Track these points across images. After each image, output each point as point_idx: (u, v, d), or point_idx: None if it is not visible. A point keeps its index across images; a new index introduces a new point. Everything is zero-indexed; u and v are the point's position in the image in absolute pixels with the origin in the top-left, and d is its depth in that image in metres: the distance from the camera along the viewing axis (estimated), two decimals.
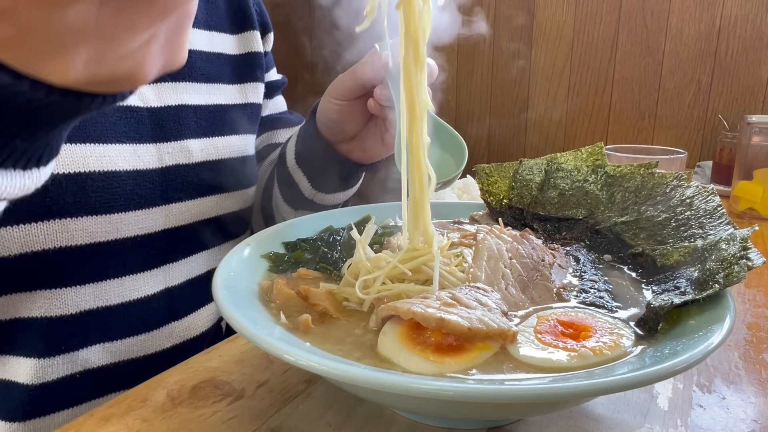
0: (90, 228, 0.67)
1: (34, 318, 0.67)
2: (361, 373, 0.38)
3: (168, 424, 0.47)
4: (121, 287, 0.72)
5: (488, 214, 0.76)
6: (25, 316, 0.67)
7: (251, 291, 0.55)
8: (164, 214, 0.75)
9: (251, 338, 0.42)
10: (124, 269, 0.72)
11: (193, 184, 0.77)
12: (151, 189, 0.73)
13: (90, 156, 0.66)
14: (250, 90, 0.90)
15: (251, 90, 0.91)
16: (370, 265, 0.54)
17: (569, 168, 0.73)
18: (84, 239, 0.67)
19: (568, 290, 0.56)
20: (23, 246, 0.63)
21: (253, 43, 0.91)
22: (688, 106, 1.97)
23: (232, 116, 0.86)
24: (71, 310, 0.68)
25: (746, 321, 0.68)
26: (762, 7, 1.81)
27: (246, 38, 0.90)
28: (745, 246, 0.50)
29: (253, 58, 0.91)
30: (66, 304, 0.68)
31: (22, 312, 0.67)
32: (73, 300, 0.68)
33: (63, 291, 0.67)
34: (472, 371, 0.43)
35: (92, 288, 0.69)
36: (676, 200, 0.63)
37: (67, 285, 0.68)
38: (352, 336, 0.48)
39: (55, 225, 0.64)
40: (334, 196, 0.89)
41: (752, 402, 0.52)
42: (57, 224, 0.65)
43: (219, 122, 0.83)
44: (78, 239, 0.66)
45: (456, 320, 0.44)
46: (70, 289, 0.68)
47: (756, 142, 1.19)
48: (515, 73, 2.22)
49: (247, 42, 0.90)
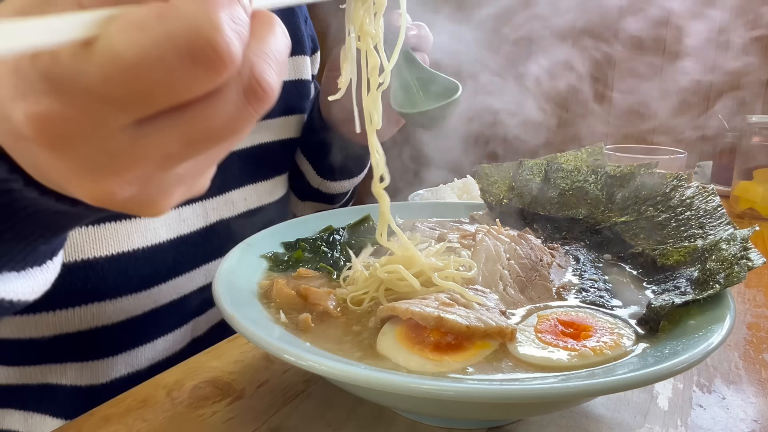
0: (128, 306, 0.65)
1: (64, 386, 0.65)
2: (361, 373, 0.38)
3: (168, 424, 0.47)
4: (153, 350, 0.70)
5: (488, 214, 0.76)
6: (54, 383, 0.66)
7: (251, 291, 0.54)
8: (204, 273, 0.73)
9: (251, 338, 0.42)
10: (157, 333, 0.70)
11: (233, 236, 0.74)
12: (194, 252, 0.71)
13: (135, 232, 0.64)
14: (294, 123, 0.86)
15: (295, 123, 0.87)
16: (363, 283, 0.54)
17: (569, 168, 0.73)
18: (121, 317, 0.65)
19: (567, 289, 0.56)
20: (57, 329, 0.62)
21: (303, 69, 0.87)
22: (689, 106, 1.97)
23: (275, 155, 0.83)
24: (102, 380, 0.66)
25: (746, 321, 0.68)
26: (762, 7, 1.81)
27: (296, 63, 0.86)
28: (745, 246, 0.50)
29: (302, 86, 0.87)
30: (97, 374, 0.66)
31: (51, 379, 0.66)
32: (104, 370, 0.66)
33: (94, 363, 0.66)
34: (471, 369, 0.43)
35: (124, 357, 0.67)
36: (676, 200, 0.63)
37: (99, 358, 0.66)
38: (351, 335, 0.48)
39: (92, 308, 0.62)
40: (339, 184, 0.88)
41: (752, 402, 0.52)
42: (95, 307, 0.63)
43: (262, 164, 0.81)
44: (115, 318, 0.64)
45: (454, 319, 0.44)
46: (102, 360, 0.66)
47: (756, 142, 1.19)
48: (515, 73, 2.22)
49: (297, 67, 0.86)
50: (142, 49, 0.23)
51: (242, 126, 0.27)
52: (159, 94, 0.24)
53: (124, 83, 0.24)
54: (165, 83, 0.24)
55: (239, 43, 0.24)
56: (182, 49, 0.23)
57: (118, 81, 0.24)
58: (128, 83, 0.24)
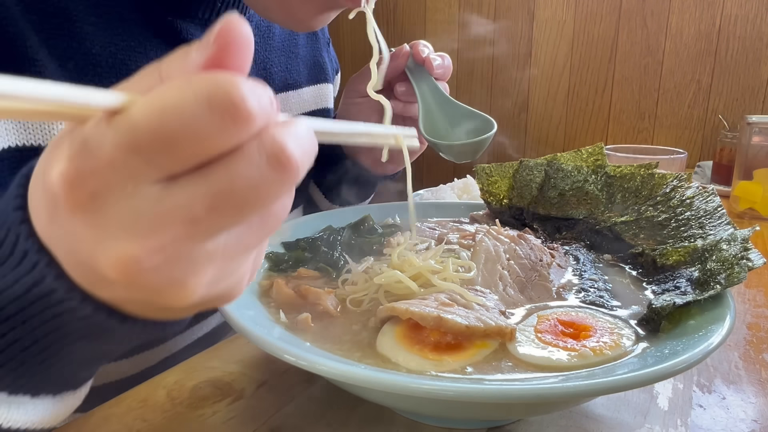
0: (140, 360, 0.66)
1: None
2: (361, 373, 0.38)
3: (168, 424, 0.47)
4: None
5: (488, 214, 0.76)
6: None
7: (251, 291, 0.55)
8: None
9: (251, 338, 0.42)
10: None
11: None
12: None
13: None
14: None
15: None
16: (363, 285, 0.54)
17: (569, 168, 0.73)
18: (133, 371, 0.66)
19: (567, 289, 0.56)
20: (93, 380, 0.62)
21: (327, 97, 0.88)
22: (688, 106, 1.97)
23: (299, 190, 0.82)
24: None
25: (746, 321, 0.68)
26: (762, 7, 1.81)
27: (321, 92, 0.86)
28: (745, 246, 0.50)
29: (327, 114, 0.88)
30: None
31: None
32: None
33: None
34: (470, 369, 0.43)
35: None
36: (676, 200, 0.63)
37: None
38: (351, 335, 0.48)
39: (106, 367, 0.63)
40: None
41: (752, 402, 0.52)
42: (109, 366, 0.64)
43: None
44: (129, 372, 0.66)
45: (453, 319, 0.44)
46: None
47: (756, 142, 1.19)
48: (515, 73, 2.22)
49: (322, 96, 0.87)
50: (166, 99, 0.25)
51: (267, 193, 0.27)
52: (181, 145, 0.25)
53: (148, 132, 0.25)
54: (186, 133, 0.25)
55: (256, 103, 0.25)
56: (201, 98, 0.24)
57: (143, 130, 0.25)
58: (153, 132, 0.25)
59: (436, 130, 0.72)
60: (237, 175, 0.26)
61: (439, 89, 0.74)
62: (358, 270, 0.56)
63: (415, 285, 0.51)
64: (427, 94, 0.74)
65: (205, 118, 0.24)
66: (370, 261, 0.58)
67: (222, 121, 0.24)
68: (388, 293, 0.53)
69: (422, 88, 0.74)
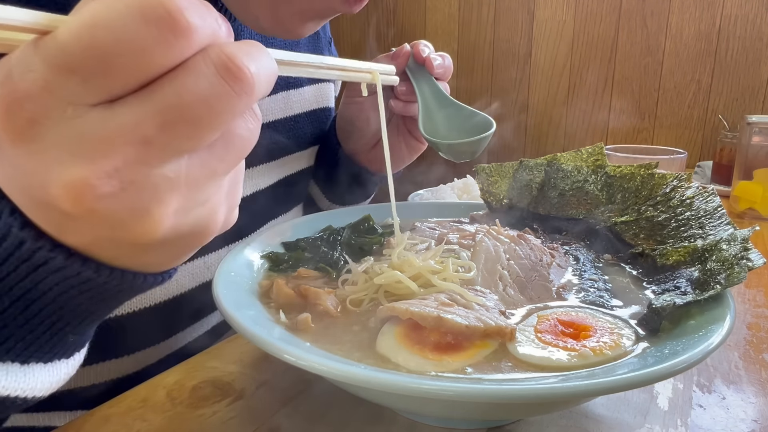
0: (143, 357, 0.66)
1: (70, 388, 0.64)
2: (361, 373, 0.38)
3: (168, 424, 0.47)
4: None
5: (488, 214, 0.76)
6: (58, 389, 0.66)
7: (251, 291, 0.54)
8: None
9: (251, 338, 0.42)
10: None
11: None
12: None
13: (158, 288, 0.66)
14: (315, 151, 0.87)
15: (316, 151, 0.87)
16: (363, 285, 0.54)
17: (569, 168, 0.73)
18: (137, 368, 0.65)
19: (567, 289, 0.56)
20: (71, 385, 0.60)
21: (329, 96, 0.88)
22: (688, 106, 1.97)
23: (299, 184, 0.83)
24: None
25: (746, 321, 0.68)
26: (762, 7, 1.81)
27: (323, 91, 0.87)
28: (745, 246, 0.50)
29: (329, 113, 0.88)
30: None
31: None
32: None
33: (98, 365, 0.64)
34: (470, 369, 0.43)
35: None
36: (676, 200, 0.63)
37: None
38: (351, 335, 0.48)
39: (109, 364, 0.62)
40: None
41: (752, 402, 0.52)
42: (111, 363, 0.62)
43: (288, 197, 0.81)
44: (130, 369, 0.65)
45: (453, 319, 0.44)
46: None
47: (756, 142, 1.19)
48: (515, 73, 2.22)
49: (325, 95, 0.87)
50: (95, 14, 0.23)
51: (221, 107, 0.26)
52: (117, 61, 0.24)
53: (78, 49, 0.23)
54: (121, 47, 0.23)
55: (197, 16, 0.24)
56: (134, 9, 0.23)
57: (73, 48, 0.23)
58: (84, 49, 0.23)
59: (436, 130, 0.72)
60: (184, 89, 0.25)
61: (439, 89, 0.74)
62: (358, 270, 0.56)
63: (415, 285, 0.51)
64: (427, 93, 0.74)
65: (140, 31, 0.23)
66: (370, 261, 0.58)
67: (159, 34, 0.23)
68: (388, 293, 0.53)
69: (422, 88, 0.74)
